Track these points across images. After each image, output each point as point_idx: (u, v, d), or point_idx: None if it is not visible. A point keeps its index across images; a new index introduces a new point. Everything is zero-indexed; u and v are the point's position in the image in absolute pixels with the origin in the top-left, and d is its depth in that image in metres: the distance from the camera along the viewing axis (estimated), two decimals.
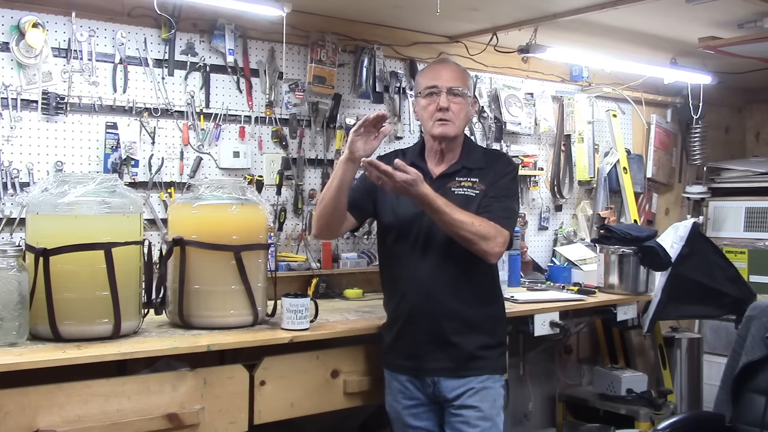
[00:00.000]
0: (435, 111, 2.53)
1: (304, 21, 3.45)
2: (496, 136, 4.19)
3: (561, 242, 4.45)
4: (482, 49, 3.96)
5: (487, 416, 2.51)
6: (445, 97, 2.52)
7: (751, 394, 2.83)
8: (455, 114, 2.53)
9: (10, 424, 2.05)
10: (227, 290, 2.60)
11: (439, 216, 2.38)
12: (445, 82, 2.53)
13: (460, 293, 2.50)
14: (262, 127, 3.41)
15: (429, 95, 2.55)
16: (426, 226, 2.51)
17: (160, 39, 3.13)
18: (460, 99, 2.55)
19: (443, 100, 2.52)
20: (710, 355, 4.65)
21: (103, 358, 2.20)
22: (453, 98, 2.54)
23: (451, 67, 2.62)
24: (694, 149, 5.15)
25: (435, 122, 2.54)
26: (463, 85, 2.57)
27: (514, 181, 2.62)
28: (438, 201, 2.37)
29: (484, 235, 2.40)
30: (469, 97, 2.60)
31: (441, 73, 2.57)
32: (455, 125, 2.54)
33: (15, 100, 2.80)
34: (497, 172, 2.58)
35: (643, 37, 3.91)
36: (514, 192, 2.63)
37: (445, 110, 2.52)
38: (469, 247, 2.43)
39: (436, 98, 2.54)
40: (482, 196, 2.53)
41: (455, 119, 2.54)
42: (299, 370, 2.60)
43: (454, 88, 2.54)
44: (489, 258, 2.45)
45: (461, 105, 2.55)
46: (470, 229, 2.39)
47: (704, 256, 3.86)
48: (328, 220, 2.55)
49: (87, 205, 2.37)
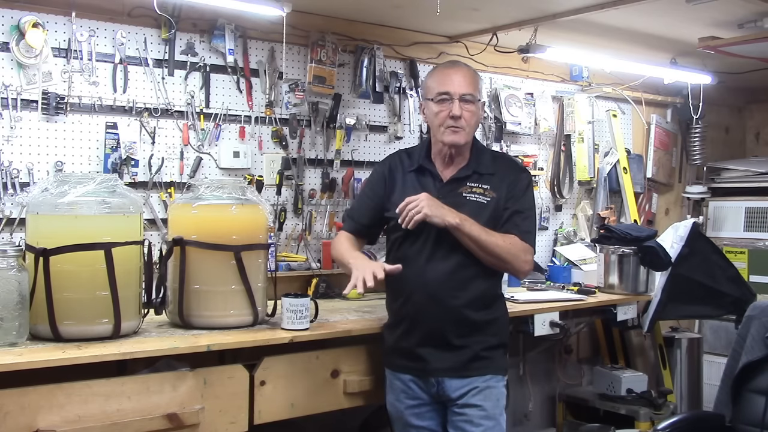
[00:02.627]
0: (447, 118, 2.51)
1: (304, 21, 3.46)
2: (496, 136, 4.19)
3: (561, 242, 4.45)
4: (482, 49, 3.96)
5: (490, 415, 2.51)
6: (458, 105, 2.49)
7: (751, 394, 2.83)
8: (467, 121, 2.51)
9: (10, 424, 2.05)
10: (227, 290, 2.60)
11: (474, 241, 2.44)
12: (457, 88, 2.50)
13: (466, 297, 2.50)
14: (262, 127, 3.41)
15: (441, 101, 2.52)
16: (435, 230, 2.50)
17: (160, 39, 3.13)
18: (471, 106, 2.52)
19: (456, 108, 2.49)
20: (710, 355, 4.65)
21: (103, 358, 2.20)
22: (465, 105, 2.51)
23: (463, 72, 2.57)
24: (694, 149, 5.15)
25: (446, 129, 2.52)
26: (475, 91, 2.54)
27: (532, 191, 2.65)
28: (472, 228, 2.43)
29: (515, 254, 2.49)
30: (480, 102, 2.58)
31: (453, 78, 2.53)
32: (466, 132, 2.53)
33: (15, 100, 2.80)
34: (513, 181, 2.57)
35: (643, 37, 3.91)
36: (534, 204, 2.66)
37: (457, 118, 2.50)
38: (499, 267, 2.51)
39: (448, 105, 2.50)
40: (494, 203, 2.53)
41: (467, 126, 2.52)
42: (299, 370, 2.60)
43: (466, 95, 2.51)
44: (519, 275, 2.59)
45: (473, 112, 2.53)
46: (503, 250, 2.47)
47: (704, 256, 3.86)
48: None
49: (87, 205, 2.37)
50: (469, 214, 2.48)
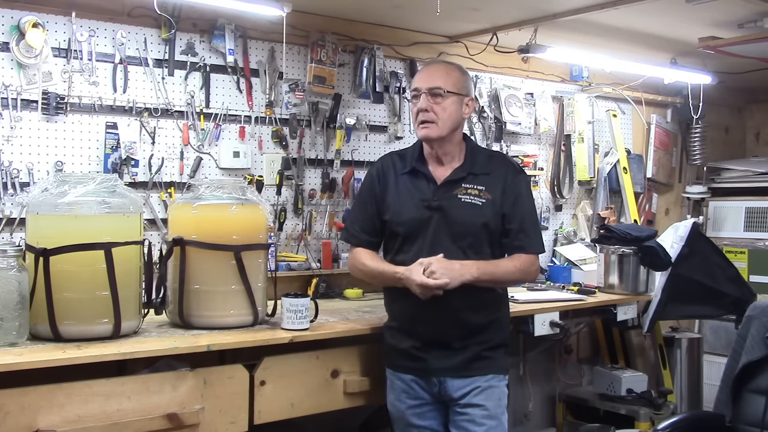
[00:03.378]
0: (417, 114, 2.53)
1: (304, 21, 3.45)
2: (496, 136, 4.19)
3: (561, 242, 4.45)
4: (482, 49, 3.96)
5: (492, 415, 2.52)
6: (424, 98, 2.51)
7: (751, 394, 2.83)
8: (438, 115, 2.50)
9: (10, 424, 2.05)
10: (227, 290, 2.60)
11: (491, 282, 2.53)
12: (424, 83, 2.52)
13: (467, 298, 2.49)
14: (262, 127, 3.41)
15: (414, 97, 2.56)
16: (432, 231, 2.51)
17: (160, 39, 3.13)
18: (441, 99, 2.51)
19: (422, 102, 2.51)
20: (710, 355, 4.65)
21: (103, 358, 2.20)
22: (433, 99, 2.51)
23: (436, 67, 2.60)
24: (694, 149, 5.15)
25: (418, 125, 2.54)
26: (446, 85, 2.51)
27: (531, 193, 2.68)
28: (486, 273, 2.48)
29: (526, 272, 2.59)
30: (459, 96, 2.54)
31: (423, 75, 2.58)
32: (438, 126, 2.51)
33: (15, 100, 2.80)
34: (511, 187, 2.57)
35: (643, 37, 3.91)
36: (534, 206, 2.70)
37: (424, 111, 2.50)
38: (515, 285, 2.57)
39: (417, 101, 2.54)
40: (490, 204, 2.53)
41: (437, 120, 2.50)
42: (299, 370, 2.60)
43: (434, 88, 2.51)
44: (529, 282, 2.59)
45: (443, 105, 2.51)
46: (515, 275, 2.59)
47: (704, 256, 3.86)
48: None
49: (87, 205, 2.37)
50: (463, 215, 2.50)
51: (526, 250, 2.58)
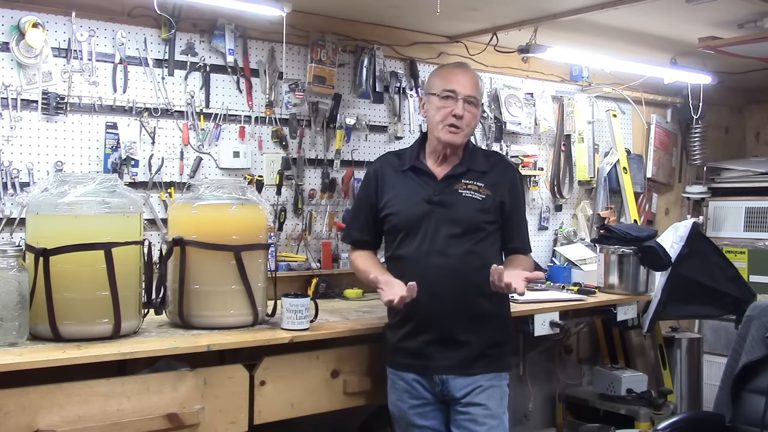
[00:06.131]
0: (448, 116, 2.54)
1: (304, 21, 3.45)
2: (496, 136, 4.19)
3: (561, 242, 4.45)
4: (482, 49, 3.96)
5: (494, 414, 2.52)
6: (461, 105, 2.54)
7: (751, 394, 2.83)
8: (467, 123, 2.57)
9: (10, 424, 2.05)
10: (227, 290, 2.60)
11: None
12: (463, 89, 2.55)
13: (468, 292, 2.51)
14: (262, 127, 3.41)
15: (445, 98, 2.55)
16: (433, 227, 2.52)
17: (160, 39, 3.13)
18: (474, 108, 2.58)
19: (459, 108, 2.54)
20: (710, 355, 4.65)
21: (103, 358, 2.20)
22: (468, 107, 2.56)
23: (470, 74, 2.63)
24: (694, 149, 5.15)
25: (446, 127, 2.55)
26: (479, 94, 2.61)
27: (522, 190, 2.72)
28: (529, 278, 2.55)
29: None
30: (480, 105, 2.65)
31: (460, 78, 2.58)
32: (464, 134, 2.58)
33: (15, 100, 2.80)
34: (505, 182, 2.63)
35: (643, 37, 3.91)
36: (524, 204, 2.82)
37: (459, 118, 2.54)
38: None
39: (451, 103, 2.54)
40: (489, 200, 2.57)
41: (466, 128, 2.57)
42: (299, 370, 2.60)
43: (470, 97, 2.56)
44: None
45: (473, 114, 2.59)
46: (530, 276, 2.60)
47: (704, 256, 3.86)
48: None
49: (87, 205, 2.37)
50: (464, 209, 2.55)
51: (524, 251, 2.67)
